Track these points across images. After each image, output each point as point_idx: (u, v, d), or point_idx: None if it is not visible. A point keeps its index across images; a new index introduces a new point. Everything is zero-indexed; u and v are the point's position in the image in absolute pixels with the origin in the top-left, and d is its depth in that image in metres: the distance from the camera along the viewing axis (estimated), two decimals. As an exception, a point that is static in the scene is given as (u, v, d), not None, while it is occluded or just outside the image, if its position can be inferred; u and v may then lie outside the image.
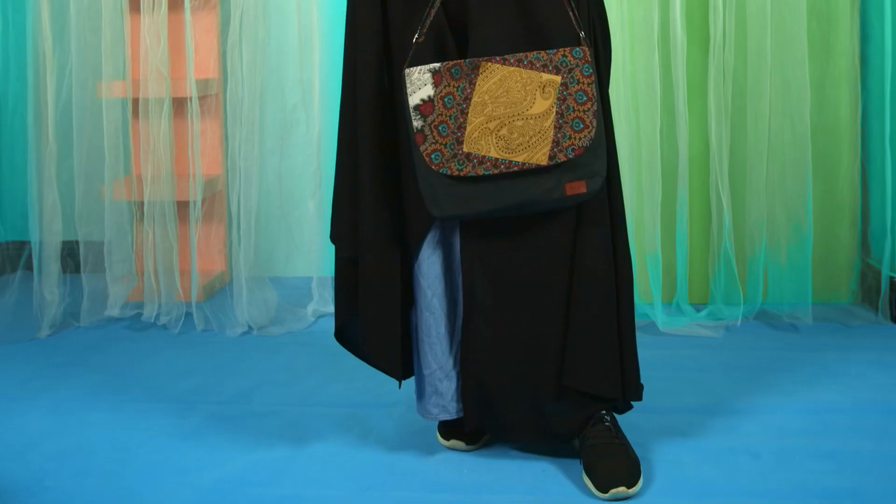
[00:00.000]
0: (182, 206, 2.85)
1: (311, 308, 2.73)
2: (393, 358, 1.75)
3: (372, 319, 1.73)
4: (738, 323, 2.55)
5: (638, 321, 2.22)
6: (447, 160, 1.62)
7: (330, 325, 2.49)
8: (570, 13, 1.65)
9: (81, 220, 2.72)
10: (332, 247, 1.81)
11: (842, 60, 2.63)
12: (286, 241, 2.91)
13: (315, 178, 2.67)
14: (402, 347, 1.78)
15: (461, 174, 1.61)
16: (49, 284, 2.65)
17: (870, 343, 2.41)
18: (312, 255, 2.81)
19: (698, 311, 2.64)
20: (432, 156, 1.62)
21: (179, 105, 2.82)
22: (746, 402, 2.04)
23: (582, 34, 1.64)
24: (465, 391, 1.73)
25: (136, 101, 2.77)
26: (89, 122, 2.69)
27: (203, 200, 2.82)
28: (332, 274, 1.88)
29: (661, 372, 2.22)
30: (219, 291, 2.94)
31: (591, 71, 1.62)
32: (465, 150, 1.62)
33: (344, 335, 1.82)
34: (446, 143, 1.62)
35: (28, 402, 2.12)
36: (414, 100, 1.63)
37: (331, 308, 2.71)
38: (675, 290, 2.66)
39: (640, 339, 1.88)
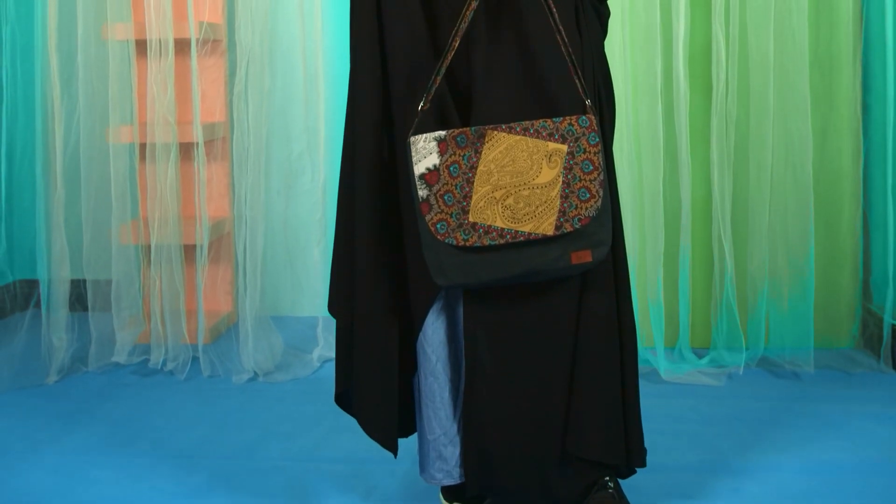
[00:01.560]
0: (189, 249, 2.87)
1: (316, 353, 2.74)
2: (388, 432, 1.75)
3: (367, 392, 1.73)
4: (741, 371, 2.56)
5: (640, 367, 2.23)
6: (453, 230, 1.62)
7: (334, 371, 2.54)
8: (577, 80, 1.65)
9: (89, 263, 2.74)
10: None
11: (844, 109, 2.64)
12: (292, 287, 2.94)
13: (320, 224, 2.69)
14: (402, 406, 1.79)
15: (467, 244, 1.61)
16: (57, 329, 2.67)
17: (872, 394, 2.42)
18: (318, 299, 2.82)
19: (700, 357, 2.65)
20: (438, 225, 1.62)
21: (186, 149, 2.85)
22: (750, 460, 2.04)
23: (588, 102, 1.65)
24: (467, 456, 1.74)
25: (143, 147, 2.80)
26: (97, 167, 2.71)
27: (210, 243, 2.84)
28: None
29: (664, 425, 2.23)
30: (226, 333, 2.96)
31: (597, 140, 1.62)
32: (470, 219, 1.61)
33: (344, 400, 1.83)
34: (452, 213, 1.62)
35: (33, 457, 2.13)
36: (419, 168, 1.63)
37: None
38: (677, 336, 2.67)
39: (643, 387, 1.88)
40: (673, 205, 2.61)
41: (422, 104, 1.66)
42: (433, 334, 1.75)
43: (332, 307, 1.79)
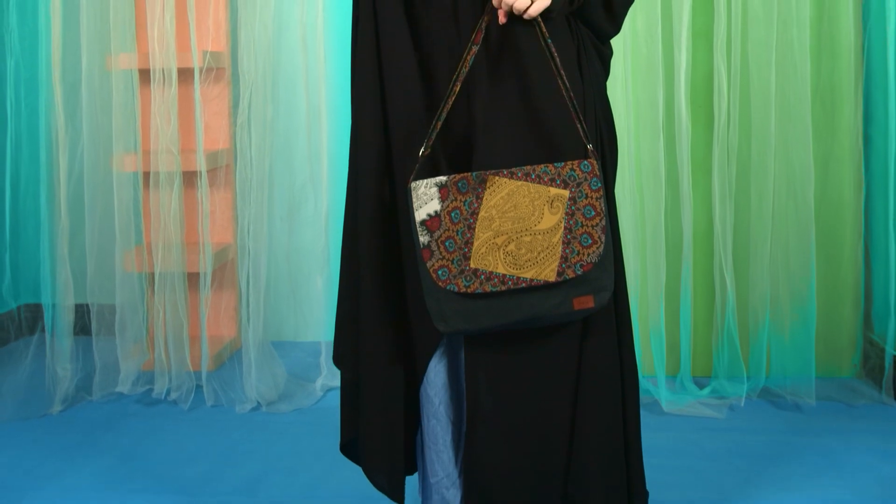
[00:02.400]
0: (193, 277, 2.88)
1: (319, 382, 2.75)
2: (396, 481, 1.76)
3: (373, 442, 1.74)
4: (742, 402, 2.56)
5: (641, 397, 2.23)
6: (454, 276, 1.61)
7: (337, 400, 2.54)
8: (578, 125, 1.65)
9: (94, 290, 2.75)
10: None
11: (845, 140, 2.65)
12: (295, 315, 2.95)
13: (324, 254, 2.70)
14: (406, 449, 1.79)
15: (468, 291, 1.60)
16: (62, 360, 2.68)
17: (874, 426, 2.42)
18: (320, 326, 2.84)
19: (702, 387, 2.65)
20: (439, 272, 1.61)
21: (190, 177, 2.86)
22: (751, 498, 2.05)
23: (590, 146, 1.65)
24: (469, 499, 1.74)
25: (147, 175, 2.82)
26: (101, 196, 2.72)
27: (214, 270, 2.85)
28: None
29: (665, 460, 2.23)
30: (230, 359, 2.96)
31: (599, 185, 1.61)
32: (472, 266, 1.60)
33: (349, 450, 1.83)
34: (453, 259, 1.61)
35: (35, 493, 2.14)
36: (420, 215, 1.62)
37: (338, 381, 2.74)
38: (678, 365, 2.67)
39: (644, 419, 1.88)
40: (674, 235, 2.62)
41: (422, 149, 1.65)
42: (435, 377, 1.76)
43: (338, 360, 1.79)
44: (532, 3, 1.62)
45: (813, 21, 2.61)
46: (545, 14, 1.64)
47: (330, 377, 2.76)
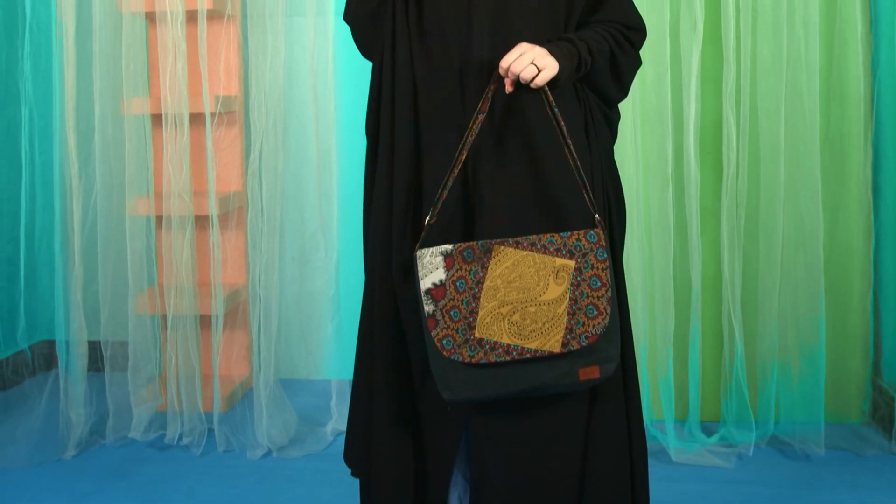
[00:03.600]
0: (205, 318, 2.91)
1: (329, 427, 2.77)
2: None
3: None
4: (750, 451, 2.56)
5: (649, 444, 2.24)
6: (459, 346, 1.61)
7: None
8: (585, 195, 1.66)
9: (108, 329, 2.77)
10: (349, 361, 1.84)
11: (854, 189, 2.65)
12: (305, 357, 2.96)
13: (334, 301, 2.72)
14: None
15: (473, 361, 1.60)
16: (75, 405, 2.71)
17: (882, 480, 2.42)
18: (332, 365, 2.86)
19: (710, 433, 2.66)
20: (444, 341, 1.61)
21: (203, 220, 2.89)
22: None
23: (597, 216, 1.65)
24: None
25: (159, 218, 2.84)
26: (114, 242, 2.75)
27: (227, 312, 2.88)
28: (350, 377, 1.90)
29: (675, 515, 2.25)
30: (242, 400, 2.99)
31: (605, 255, 1.62)
32: (476, 335, 1.60)
33: None
34: (458, 329, 1.61)
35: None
36: (425, 283, 1.62)
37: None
38: (686, 412, 2.68)
39: (652, 468, 1.87)
40: (683, 283, 2.63)
41: (428, 218, 1.66)
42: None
43: (350, 463, 1.81)
44: (539, 72, 1.64)
45: (822, 69, 2.61)
46: (552, 82, 1.66)
47: (340, 421, 2.78)
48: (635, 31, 1.82)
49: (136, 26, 2.75)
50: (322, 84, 2.67)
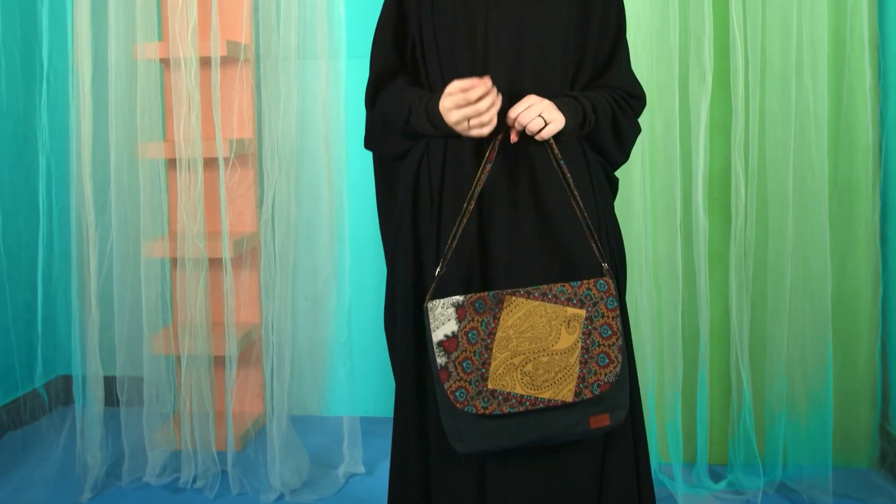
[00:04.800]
0: (220, 358, 2.95)
1: (341, 470, 2.81)
2: None
3: None
4: (759, 498, 2.58)
5: (657, 489, 2.26)
6: (472, 398, 1.61)
7: (359, 487, 2.67)
8: (594, 244, 1.69)
9: (123, 380, 2.81)
10: (361, 400, 1.87)
11: (862, 239, 2.66)
12: (317, 403, 3.00)
13: (346, 347, 2.76)
14: None
15: (486, 412, 1.61)
16: (91, 448, 2.74)
17: (890, 532, 2.44)
18: (344, 403, 2.89)
19: (718, 477, 2.68)
20: (457, 393, 1.61)
21: (217, 261, 2.92)
22: None
23: (605, 265, 1.68)
24: None
25: (174, 260, 2.88)
26: (130, 286, 2.79)
27: (241, 351, 2.92)
28: (362, 415, 1.94)
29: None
30: (255, 439, 3.02)
31: (615, 304, 1.64)
32: (490, 386, 1.61)
33: None
34: (471, 380, 1.61)
35: None
36: (437, 336, 1.63)
37: (359, 468, 2.81)
38: (695, 456, 2.70)
39: None
40: (691, 331, 2.65)
41: (438, 269, 1.68)
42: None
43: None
44: (546, 125, 1.67)
45: (831, 120, 2.62)
46: (557, 136, 1.70)
47: (352, 464, 2.82)
48: (636, 98, 1.89)
49: (151, 72, 2.78)
50: (334, 134, 2.70)
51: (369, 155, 2.00)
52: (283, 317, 2.70)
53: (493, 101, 1.66)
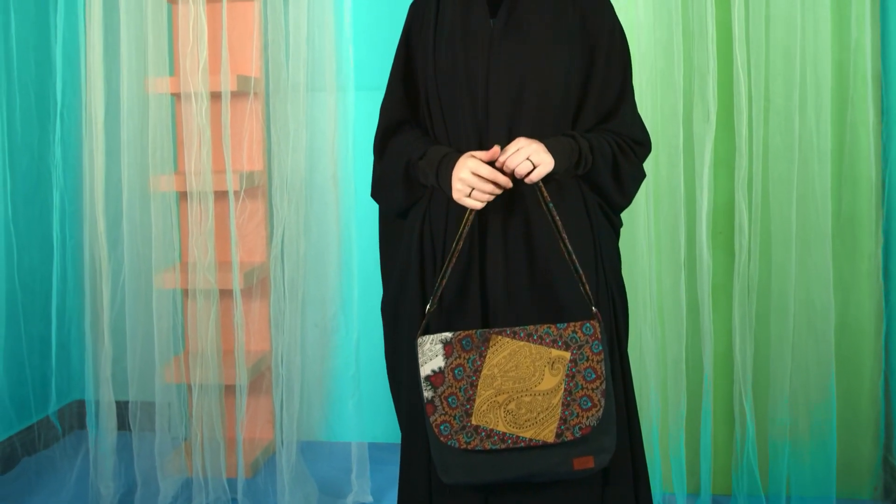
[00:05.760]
0: (230, 386, 2.99)
1: (350, 499, 2.84)
2: None
3: None
4: (763, 534, 2.61)
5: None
6: (455, 432, 1.65)
7: None
8: (582, 288, 1.71)
9: (135, 411, 2.86)
10: (369, 426, 1.91)
11: (865, 274, 2.67)
12: (326, 431, 3.04)
13: (355, 379, 2.79)
14: None
15: (469, 447, 1.65)
16: (104, 479, 2.79)
17: (892, 566, 2.46)
18: (353, 430, 2.93)
19: (722, 512, 2.71)
20: (441, 427, 1.66)
21: (228, 292, 2.96)
22: None
23: (594, 308, 1.69)
24: None
25: (186, 291, 2.93)
26: (142, 319, 2.83)
27: (252, 380, 2.97)
28: (370, 441, 1.96)
29: None
30: (265, 466, 3.07)
31: (600, 348, 1.65)
32: (473, 422, 1.65)
33: None
34: (455, 415, 1.66)
35: None
36: (425, 370, 1.68)
37: (367, 498, 2.85)
38: (698, 489, 2.73)
39: None
40: (695, 366, 2.67)
41: (428, 306, 1.73)
42: None
43: None
44: (534, 167, 1.70)
45: (834, 155, 2.64)
46: (549, 176, 1.72)
47: (360, 493, 2.85)
48: (641, 145, 1.90)
49: (163, 106, 2.82)
50: (342, 170, 2.74)
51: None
52: (293, 350, 2.74)
53: (498, 180, 1.70)
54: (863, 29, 2.60)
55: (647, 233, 2.62)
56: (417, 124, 1.91)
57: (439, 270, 1.80)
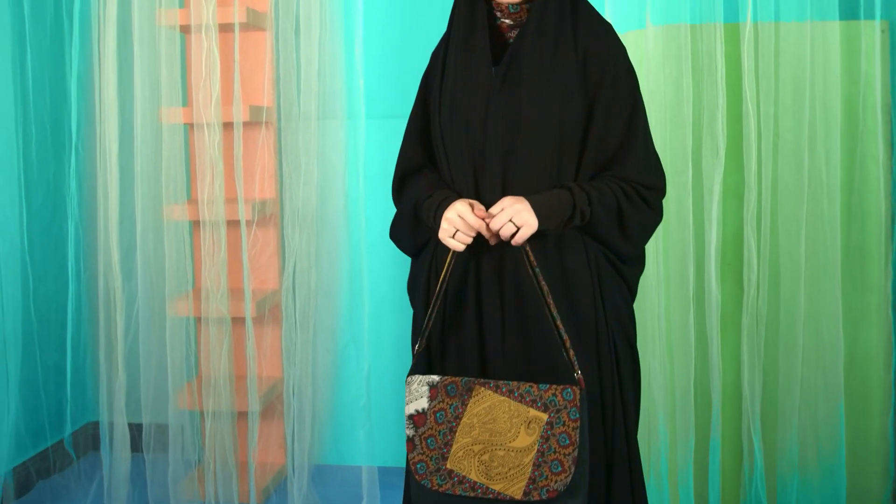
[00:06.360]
0: (242, 414, 3.03)
1: (359, 529, 2.88)
2: None
3: None
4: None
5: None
6: (430, 473, 1.71)
7: None
8: (565, 353, 1.72)
9: (149, 440, 2.89)
10: (379, 451, 1.94)
11: (874, 310, 2.67)
12: (337, 458, 3.07)
13: (366, 409, 2.82)
14: None
15: (440, 490, 1.69)
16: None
17: None
18: (363, 455, 2.96)
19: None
20: (418, 465, 1.71)
21: (241, 319, 3.00)
22: None
23: (577, 374, 1.70)
24: None
25: (199, 319, 2.96)
26: (155, 349, 2.87)
27: (264, 407, 3.00)
28: (380, 465, 1.99)
29: None
30: (275, 493, 3.10)
31: (577, 416, 1.67)
32: (448, 466, 1.70)
33: None
34: (432, 457, 1.71)
35: None
36: (409, 409, 1.74)
37: (378, 528, 2.89)
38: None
39: None
40: (703, 401, 2.68)
41: (417, 346, 1.79)
42: None
43: None
44: (518, 229, 1.71)
45: (843, 189, 2.64)
46: (540, 232, 1.73)
47: (370, 521, 2.89)
48: (651, 190, 1.86)
49: (176, 136, 2.85)
50: (353, 203, 2.77)
51: (388, 223, 2.06)
52: (304, 382, 2.77)
53: (482, 231, 1.74)
54: (872, 63, 2.60)
55: (655, 266, 2.63)
56: (435, 168, 1.93)
57: (442, 309, 1.83)
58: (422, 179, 1.92)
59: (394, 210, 1.98)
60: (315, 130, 2.81)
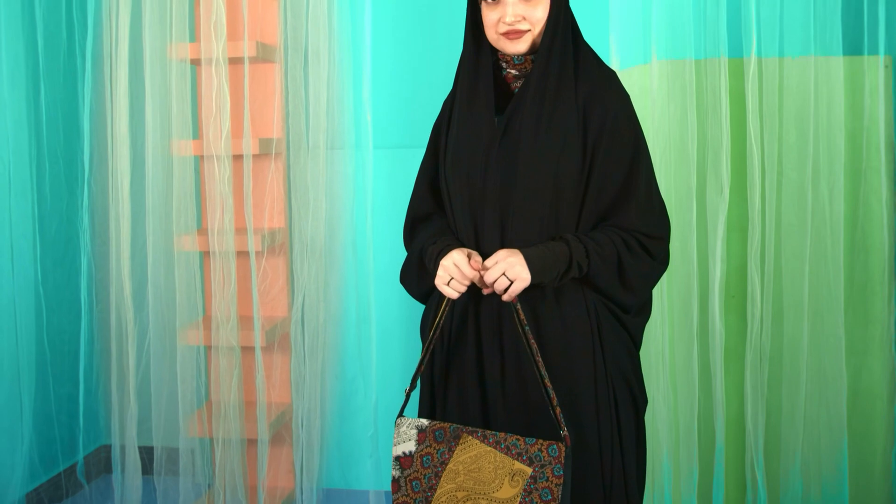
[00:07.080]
0: (252, 441, 3.07)
1: (366, 557, 2.92)
2: None
3: None
4: None
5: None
6: None
7: None
8: (551, 411, 1.73)
9: (160, 464, 2.93)
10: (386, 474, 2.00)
11: (878, 347, 2.69)
12: (345, 482, 3.10)
13: (373, 440, 2.85)
14: None
15: None
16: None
17: None
18: (370, 478, 2.99)
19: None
20: None
21: (250, 348, 3.03)
22: None
23: (563, 432, 1.71)
24: None
25: (209, 348, 3.00)
26: (167, 380, 2.91)
27: (275, 433, 3.04)
28: (387, 490, 2.02)
29: None
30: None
31: (561, 472, 1.68)
32: None
33: None
34: (416, 500, 1.74)
35: None
36: (397, 450, 1.77)
37: (386, 555, 2.92)
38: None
39: None
40: (707, 435, 2.71)
41: (408, 387, 1.82)
42: None
43: None
44: (511, 283, 1.74)
45: (847, 224, 2.65)
46: (535, 284, 1.75)
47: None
48: (653, 238, 1.86)
49: (187, 168, 2.88)
50: (361, 239, 2.80)
51: (396, 255, 2.10)
52: (313, 414, 2.81)
53: (476, 282, 1.78)
54: (876, 98, 2.62)
55: (660, 301, 2.65)
56: (444, 214, 1.97)
57: (445, 355, 1.87)
58: (430, 226, 1.95)
59: (401, 243, 2.03)
60: (323, 168, 2.84)
